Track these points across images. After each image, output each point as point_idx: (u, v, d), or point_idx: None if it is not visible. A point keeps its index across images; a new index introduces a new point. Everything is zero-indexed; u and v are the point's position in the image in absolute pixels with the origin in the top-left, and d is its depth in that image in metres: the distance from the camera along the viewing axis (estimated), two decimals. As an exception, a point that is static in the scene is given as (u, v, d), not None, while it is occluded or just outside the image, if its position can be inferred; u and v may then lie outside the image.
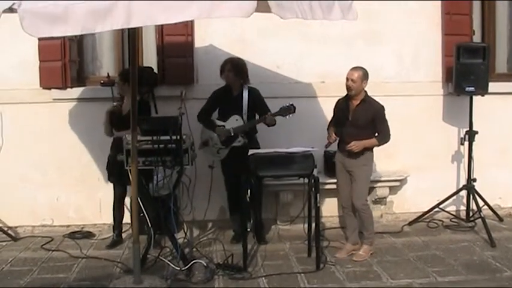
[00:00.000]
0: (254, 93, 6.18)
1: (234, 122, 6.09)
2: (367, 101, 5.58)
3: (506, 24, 7.40)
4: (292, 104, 5.84)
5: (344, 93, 5.62)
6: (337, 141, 5.75)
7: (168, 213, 5.43)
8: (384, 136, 5.59)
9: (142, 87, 5.76)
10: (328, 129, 5.84)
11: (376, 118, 5.54)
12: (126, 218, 6.43)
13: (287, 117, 5.84)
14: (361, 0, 4.50)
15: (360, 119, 5.55)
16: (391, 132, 5.60)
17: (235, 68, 6.08)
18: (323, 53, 6.79)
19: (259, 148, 6.00)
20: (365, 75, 5.54)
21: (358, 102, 5.58)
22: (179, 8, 3.30)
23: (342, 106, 5.73)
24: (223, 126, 6.10)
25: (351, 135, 5.54)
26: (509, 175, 7.18)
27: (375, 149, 5.66)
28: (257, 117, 6.16)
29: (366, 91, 5.60)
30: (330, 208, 6.85)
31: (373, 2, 6.64)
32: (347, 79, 5.53)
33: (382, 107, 5.58)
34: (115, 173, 5.98)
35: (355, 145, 5.47)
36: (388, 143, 5.63)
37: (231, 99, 6.16)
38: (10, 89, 6.54)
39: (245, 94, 6.13)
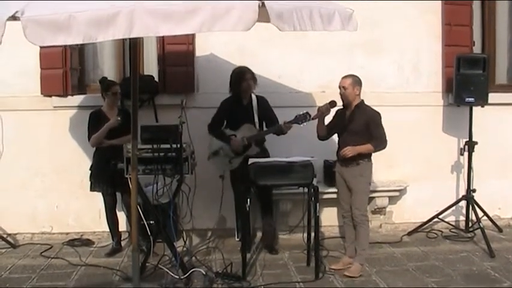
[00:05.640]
0: (263, 102, 6.19)
1: (246, 131, 6.06)
2: (362, 107, 5.49)
3: (507, 35, 7.44)
4: (307, 112, 5.81)
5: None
6: (337, 151, 5.64)
7: (167, 221, 5.43)
8: (379, 142, 5.42)
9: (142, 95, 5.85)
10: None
11: (371, 124, 5.42)
12: (127, 226, 6.48)
13: (302, 125, 5.82)
14: (361, 11, 4.51)
15: (354, 125, 5.45)
16: (388, 141, 5.43)
17: (253, 75, 6.08)
18: (324, 63, 6.82)
19: (269, 156, 6.01)
20: (356, 82, 5.47)
21: (352, 108, 5.50)
22: (181, 21, 3.32)
23: (339, 116, 5.66)
24: (234, 135, 6.07)
25: (346, 143, 5.45)
26: (509, 186, 7.19)
27: (374, 158, 5.56)
28: (264, 125, 6.17)
29: (362, 99, 5.52)
30: (329, 217, 6.84)
31: (374, 12, 6.67)
32: (339, 88, 5.49)
33: (378, 113, 5.48)
34: (104, 182, 6.03)
35: (348, 150, 5.35)
36: (388, 153, 5.61)
37: (241, 109, 6.13)
38: (11, 96, 6.57)
39: (255, 102, 6.14)
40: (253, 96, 6.17)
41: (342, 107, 5.64)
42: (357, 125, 5.44)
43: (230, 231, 6.65)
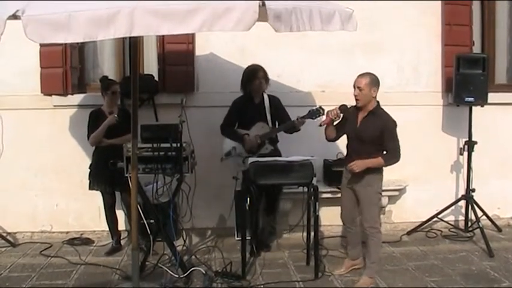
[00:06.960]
0: (275, 100, 6.17)
1: (259, 129, 6.01)
2: (377, 113, 5.04)
3: (506, 35, 7.45)
4: (321, 107, 5.80)
5: (344, 102, 5.56)
6: (345, 157, 5.47)
7: (167, 220, 5.44)
8: (392, 155, 5.00)
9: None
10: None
11: (385, 133, 4.97)
12: (126, 225, 6.48)
13: (316, 119, 5.78)
14: (361, 11, 4.52)
15: (366, 133, 5.03)
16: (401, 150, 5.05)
17: (266, 74, 6.08)
18: (323, 63, 6.83)
19: (280, 156, 5.96)
20: (374, 81, 5.01)
21: (366, 113, 5.07)
22: (182, 20, 3.32)
23: (351, 117, 5.23)
24: (247, 134, 6.01)
25: (356, 151, 5.10)
26: (508, 185, 7.20)
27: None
28: (277, 125, 6.13)
29: (378, 102, 5.09)
30: (328, 217, 6.81)
31: (374, 13, 6.67)
32: (354, 87, 5.04)
33: (394, 121, 5.02)
34: (103, 181, 6.04)
35: (355, 165, 4.95)
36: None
37: (253, 107, 6.10)
38: (11, 95, 6.57)
39: (267, 102, 6.11)
40: (265, 96, 6.14)
41: (354, 105, 5.23)
42: (369, 134, 5.02)
43: (230, 230, 6.65)
